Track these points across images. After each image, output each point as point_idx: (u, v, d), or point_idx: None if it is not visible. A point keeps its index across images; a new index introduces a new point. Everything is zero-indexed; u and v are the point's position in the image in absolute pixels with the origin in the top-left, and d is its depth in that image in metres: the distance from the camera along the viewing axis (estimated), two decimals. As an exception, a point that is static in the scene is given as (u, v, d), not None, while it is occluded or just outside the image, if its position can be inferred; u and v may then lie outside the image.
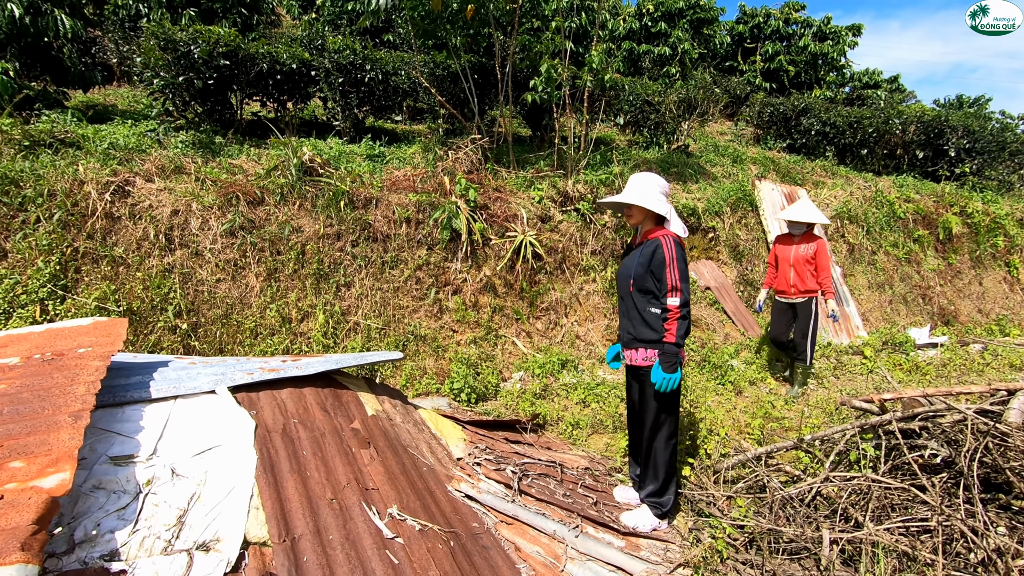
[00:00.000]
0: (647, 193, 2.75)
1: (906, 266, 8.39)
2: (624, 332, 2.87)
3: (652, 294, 2.74)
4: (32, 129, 4.79)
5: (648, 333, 2.73)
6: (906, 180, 9.91)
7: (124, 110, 7.09)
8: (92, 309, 3.99)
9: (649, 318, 2.73)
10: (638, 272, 2.74)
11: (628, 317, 2.84)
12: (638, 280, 2.75)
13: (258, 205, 4.85)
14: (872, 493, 2.73)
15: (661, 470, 2.79)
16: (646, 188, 2.77)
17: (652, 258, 2.70)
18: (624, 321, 2.88)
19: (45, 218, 4.09)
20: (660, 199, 2.75)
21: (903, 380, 5.43)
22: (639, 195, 2.75)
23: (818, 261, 4.88)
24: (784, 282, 5.05)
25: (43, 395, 1.79)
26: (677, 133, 9.08)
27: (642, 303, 2.76)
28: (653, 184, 2.78)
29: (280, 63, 6.31)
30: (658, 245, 2.69)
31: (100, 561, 1.54)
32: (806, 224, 4.99)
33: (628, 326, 2.83)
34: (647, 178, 2.81)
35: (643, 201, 2.70)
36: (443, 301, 5.23)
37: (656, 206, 2.70)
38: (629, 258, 2.89)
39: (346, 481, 2.12)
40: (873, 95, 15.36)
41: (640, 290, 2.76)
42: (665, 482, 2.80)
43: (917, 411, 3.03)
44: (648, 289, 2.74)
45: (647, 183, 2.79)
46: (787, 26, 15.01)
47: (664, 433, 2.78)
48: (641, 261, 2.74)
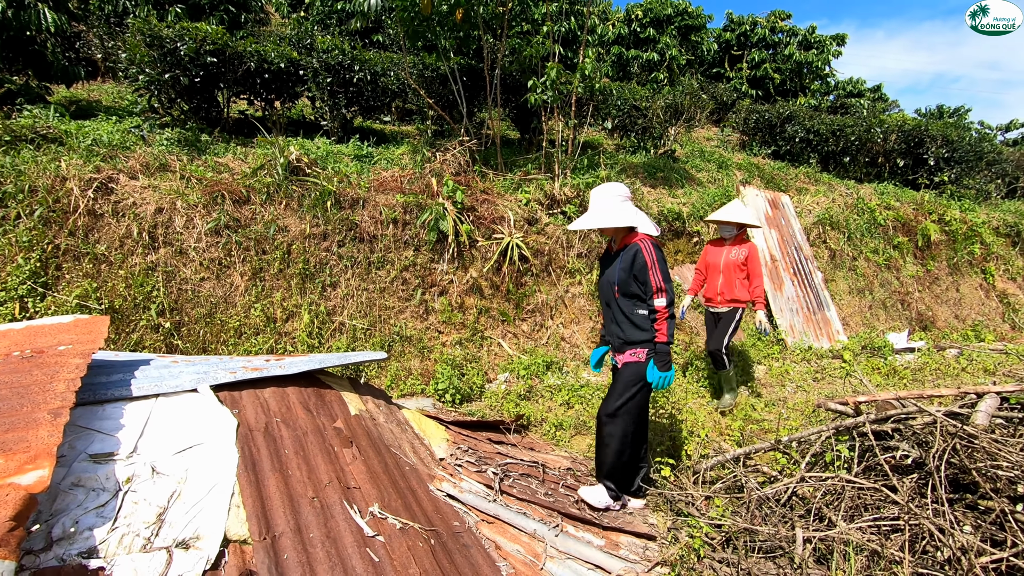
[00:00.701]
0: (612, 209, 2.84)
1: (886, 272, 8.55)
2: (614, 338, 2.94)
3: (638, 297, 2.84)
4: (13, 124, 4.73)
5: (639, 335, 2.84)
6: (887, 188, 10.10)
7: (108, 106, 7.01)
8: (73, 307, 3.95)
9: (638, 320, 2.84)
10: (621, 278, 2.84)
11: (616, 323, 2.91)
12: (623, 286, 2.84)
13: (244, 204, 4.84)
14: (845, 493, 2.80)
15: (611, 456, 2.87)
16: (610, 203, 2.85)
17: (633, 263, 2.81)
18: (612, 327, 2.94)
19: (26, 214, 4.05)
20: (624, 209, 2.84)
21: (881, 384, 5.54)
22: (605, 215, 2.83)
23: (750, 268, 4.56)
24: (712, 289, 4.77)
25: (22, 392, 1.79)
26: (664, 138, 9.18)
27: (629, 307, 2.86)
28: (614, 196, 2.86)
29: (268, 62, 6.30)
30: (638, 250, 2.80)
31: (78, 558, 1.54)
32: (736, 226, 4.70)
33: (617, 331, 2.91)
34: (607, 191, 2.88)
35: (611, 221, 2.81)
36: (429, 302, 5.24)
37: (623, 220, 2.79)
38: (610, 266, 2.97)
39: (328, 480, 2.14)
40: (856, 104, 15.63)
41: (626, 295, 2.86)
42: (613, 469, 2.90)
43: (890, 413, 3.10)
44: (633, 293, 2.84)
45: (609, 197, 2.86)
46: (773, 34, 15.24)
47: (621, 430, 2.85)
48: (623, 267, 2.84)
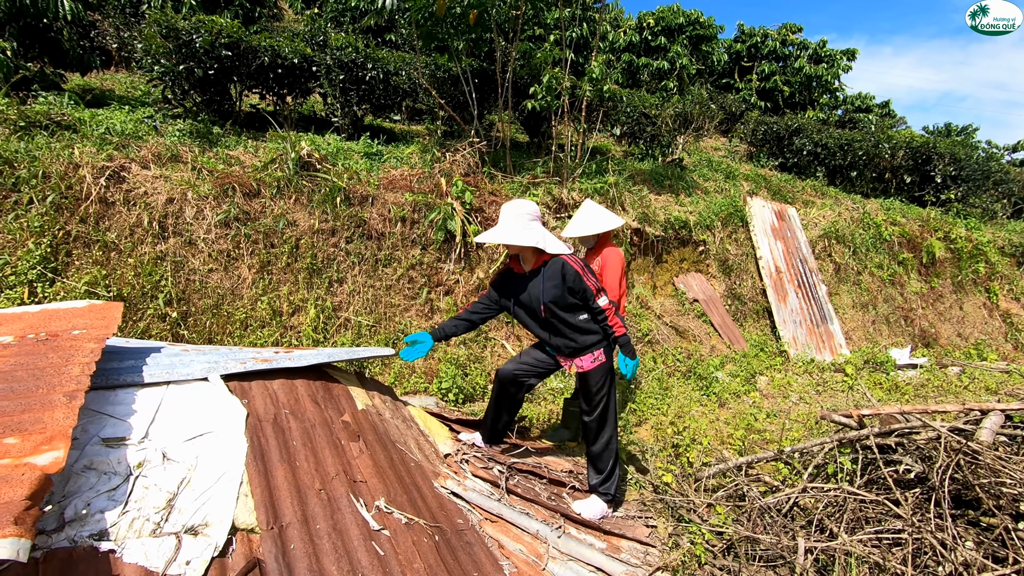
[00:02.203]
0: (520, 228, 2.75)
1: (890, 287, 8.56)
2: (564, 348, 2.91)
3: (576, 307, 2.84)
4: (28, 110, 4.76)
5: (589, 338, 2.87)
6: (893, 203, 10.13)
7: (121, 96, 7.05)
8: (82, 293, 3.97)
9: (583, 325, 2.86)
10: (555, 295, 2.79)
11: (562, 335, 2.89)
12: (559, 301, 2.80)
13: (254, 197, 4.86)
14: (847, 505, 2.80)
15: (609, 461, 2.94)
16: (518, 221, 2.78)
17: (564, 277, 2.77)
18: (559, 340, 2.91)
19: (38, 200, 4.07)
20: (532, 228, 2.77)
21: (882, 399, 5.54)
22: (514, 232, 2.74)
23: (604, 278, 3.64)
24: None
25: (37, 374, 1.80)
26: (672, 146, 9.20)
27: (571, 317, 2.85)
28: (523, 214, 2.80)
29: (282, 57, 6.33)
30: (563, 263, 2.77)
31: (89, 540, 1.55)
32: (593, 237, 3.82)
33: (567, 342, 2.89)
34: (517, 208, 2.81)
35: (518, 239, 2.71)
36: (435, 301, 5.25)
37: (529, 240, 2.71)
38: (526, 287, 2.89)
39: (335, 472, 2.15)
40: (864, 119, 15.67)
41: (565, 308, 2.83)
42: (611, 470, 2.94)
43: (894, 427, 3.11)
44: (571, 304, 2.83)
45: (518, 215, 2.79)
46: (784, 47, 15.28)
47: (609, 428, 2.94)
48: (553, 284, 2.79)
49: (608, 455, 2.94)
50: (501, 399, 3.17)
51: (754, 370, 6.06)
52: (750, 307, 7.36)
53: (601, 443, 2.94)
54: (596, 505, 2.89)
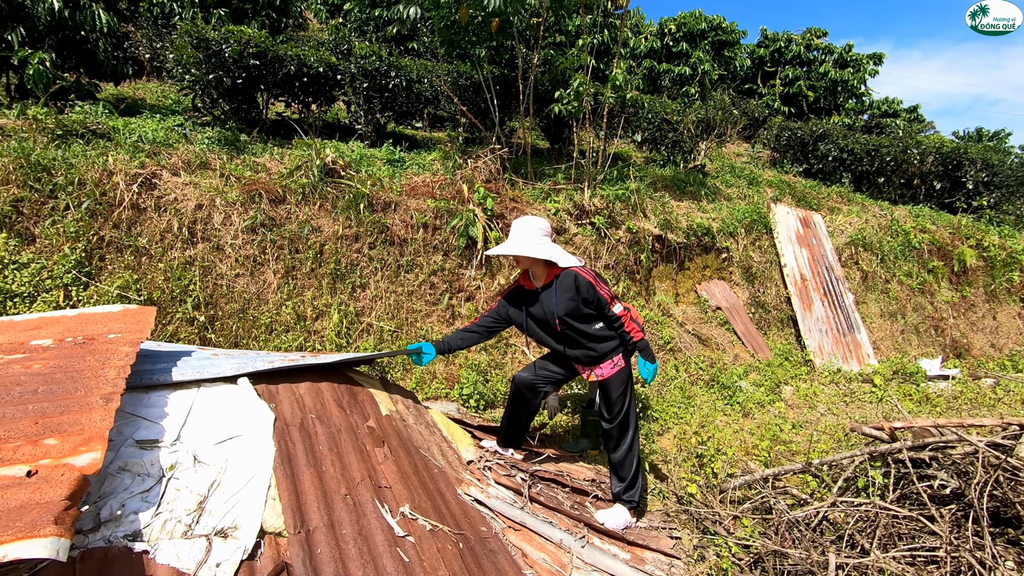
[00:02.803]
0: (533, 242, 2.78)
1: (919, 296, 8.35)
2: (584, 357, 2.91)
3: (591, 317, 2.84)
4: (65, 119, 4.91)
5: (607, 345, 2.87)
6: (922, 210, 9.89)
7: (153, 104, 7.24)
8: (114, 297, 4.07)
9: (600, 333, 2.86)
10: (570, 307, 2.80)
11: (580, 346, 2.89)
12: (574, 313, 2.81)
13: (280, 203, 4.94)
14: (880, 520, 2.72)
15: (631, 468, 2.92)
16: (531, 235, 2.80)
17: (578, 289, 2.78)
18: (577, 351, 2.91)
19: (74, 206, 4.19)
20: (543, 243, 2.79)
21: (913, 411, 5.39)
22: (528, 245, 2.77)
23: None
24: None
25: (76, 376, 1.85)
26: (694, 152, 9.13)
27: (587, 328, 2.85)
28: (535, 229, 2.81)
29: (307, 65, 6.44)
30: (576, 275, 2.78)
31: (124, 541, 1.58)
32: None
33: (586, 352, 2.89)
34: (529, 224, 2.83)
35: (532, 251, 2.73)
36: (456, 307, 5.27)
37: (541, 252, 2.73)
38: (539, 303, 2.91)
39: (360, 478, 2.16)
40: (892, 124, 15.36)
41: (581, 320, 2.84)
42: (634, 478, 2.92)
43: (928, 441, 3.02)
44: (586, 315, 2.83)
45: (530, 230, 2.81)
46: (808, 52, 15.09)
47: (631, 434, 2.93)
48: (568, 297, 2.80)
49: (631, 461, 2.92)
50: (517, 405, 3.17)
51: (779, 380, 5.95)
52: (774, 315, 7.24)
53: (623, 450, 2.92)
54: (620, 515, 2.86)
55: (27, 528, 1.26)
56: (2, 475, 1.43)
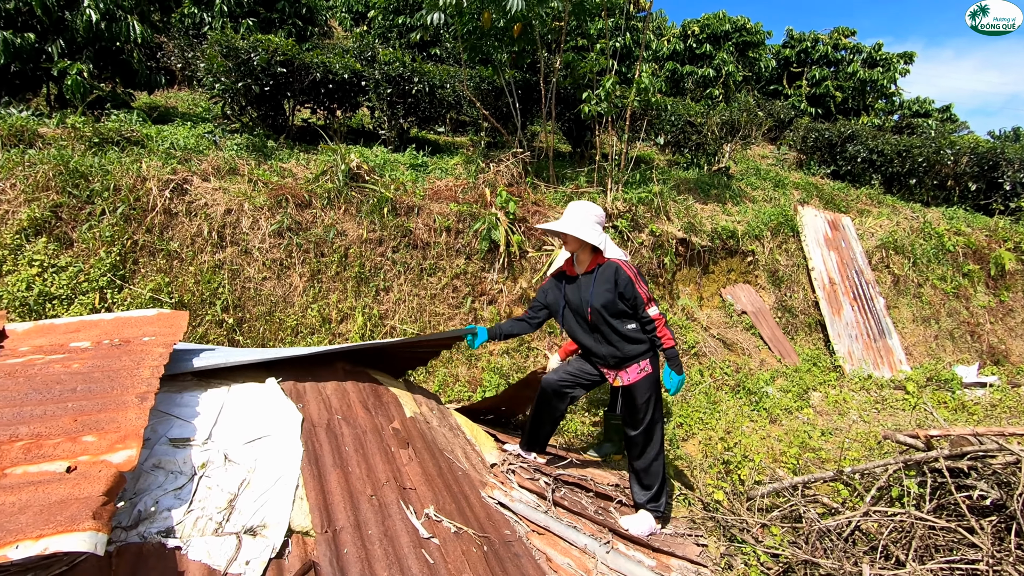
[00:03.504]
0: (586, 224, 2.79)
1: (954, 301, 8.09)
2: (610, 358, 2.87)
3: (625, 314, 2.80)
4: (102, 127, 5.08)
5: (637, 348, 2.81)
6: (956, 212, 9.60)
7: (184, 112, 7.44)
8: (147, 300, 4.18)
9: (631, 334, 2.80)
10: (607, 299, 2.77)
11: (608, 343, 2.85)
12: (609, 306, 2.78)
13: (305, 208, 5.02)
14: (915, 531, 2.64)
15: (657, 477, 2.87)
16: (585, 219, 2.81)
17: (617, 281, 2.76)
18: (605, 348, 2.87)
19: (109, 211, 4.32)
20: (596, 228, 2.80)
21: (948, 419, 5.22)
22: (581, 226, 2.78)
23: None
24: None
25: (112, 376, 1.90)
26: (718, 155, 9.02)
27: (619, 325, 2.81)
28: (591, 214, 2.82)
29: (332, 72, 6.55)
30: (617, 267, 2.77)
31: (158, 537, 1.62)
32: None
33: (613, 351, 2.84)
34: (585, 208, 2.85)
35: (584, 234, 2.75)
36: (478, 311, 5.29)
37: (592, 238, 2.75)
38: (577, 289, 2.90)
39: (385, 479, 2.17)
40: (923, 124, 14.97)
41: (614, 315, 2.80)
42: (660, 487, 2.88)
43: (966, 450, 2.92)
44: (620, 311, 2.79)
45: (585, 213, 2.83)
46: (836, 51, 14.80)
47: (657, 443, 2.88)
48: (606, 288, 2.78)
49: (655, 471, 2.87)
50: (543, 409, 3.14)
51: (807, 385, 5.83)
52: (802, 320, 7.09)
53: (647, 459, 2.86)
54: (645, 521, 2.82)
55: (67, 522, 1.29)
56: (44, 470, 1.48)
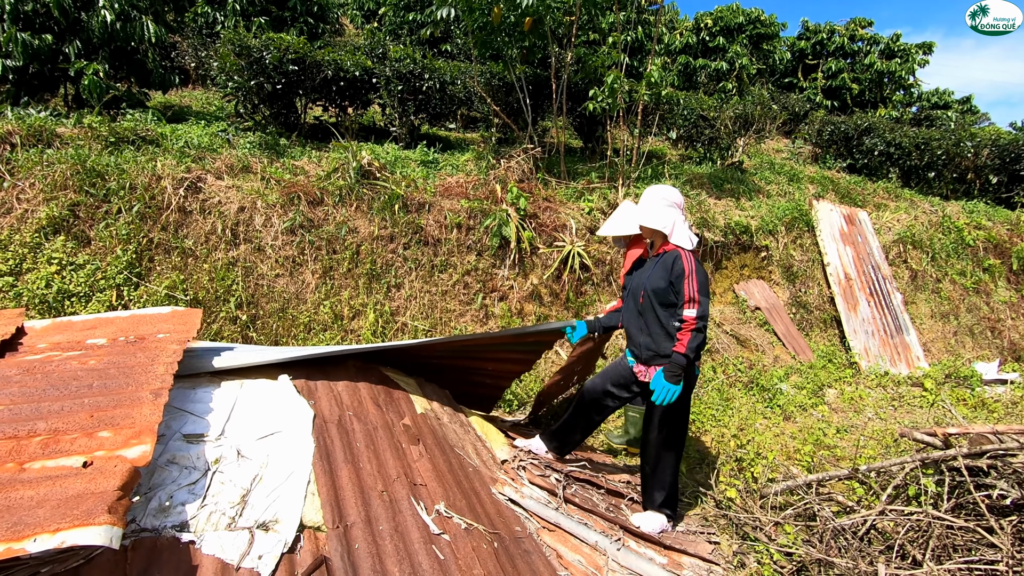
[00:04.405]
0: (655, 208, 2.74)
1: (974, 296, 7.94)
2: (644, 349, 2.80)
3: (674, 305, 2.71)
4: (117, 127, 5.14)
5: (670, 347, 2.70)
6: (977, 206, 9.40)
7: (198, 111, 7.52)
8: (162, 297, 4.23)
9: (673, 332, 2.69)
10: (660, 286, 2.71)
11: (649, 333, 2.78)
12: (661, 295, 2.71)
13: (317, 205, 5.05)
14: (933, 531, 2.60)
15: (667, 485, 2.83)
16: (655, 203, 2.76)
17: (672, 270, 2.68)
18: (644, 338, 2.80)
19: (126, 209, 4.38)
20: (666, 214, 2.73)
21: (967, 416, 5.13)
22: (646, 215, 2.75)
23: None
24: None
25: (127, 372, 1.93)
26: (732, 149, 8.92)
27: (666, 317, 2.72)
28: (660, 198, 2.76)
29: (344, 70, 6.57)
30: (677, 256, 2.68)
31: (172, 531, 1.64)
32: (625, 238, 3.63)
33: (649, 343, 2.77)
34: (657, 192, 2.80)
35: (647, 221, 2.73)
36: (489, 307, 5.29)
37: (657, 223, 2.70)
38: (642, 271, 2.89)
39: (396, 475, 2.18)
40: (943, 116, 14.67)
41: (663, 304, 2.73)
42: (669, 494, 2.85)
43: (986, 448, 2.86)
44: (671, 303, 2.71)
45: (656, 199, 2.77)
46: (852, 43, 14.55)
47: (674, 449, 2.82)
48: (661, 274, 2.72)
49: (667, 477, 2.81)
50: (579, 416, 3.07)
51: (822, 382, 5.76)
52: (816, 316, 7.00)
53: (661, 464, 2.81)
54: (656, 519, 2.81)
55: (83, 516, 1.31)
56: (61, 465, 1.50)
